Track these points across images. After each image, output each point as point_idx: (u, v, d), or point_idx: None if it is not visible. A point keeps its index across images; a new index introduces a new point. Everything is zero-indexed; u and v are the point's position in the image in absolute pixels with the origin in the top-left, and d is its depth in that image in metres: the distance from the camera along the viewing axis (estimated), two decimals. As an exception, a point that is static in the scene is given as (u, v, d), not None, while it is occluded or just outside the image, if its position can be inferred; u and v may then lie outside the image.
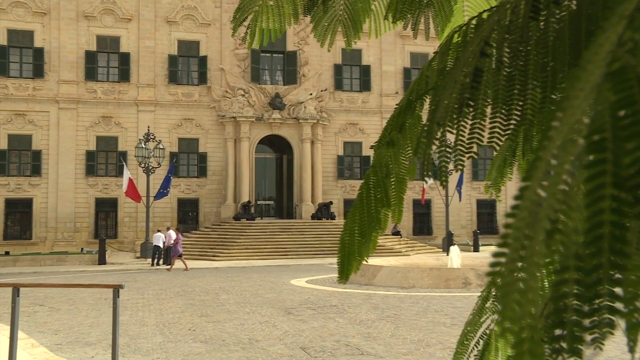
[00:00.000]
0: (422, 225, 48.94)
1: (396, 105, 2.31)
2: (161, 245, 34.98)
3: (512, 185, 41.15)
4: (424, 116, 2.03)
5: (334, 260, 34.99)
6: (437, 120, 1.80)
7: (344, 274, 2.51)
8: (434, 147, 1.74)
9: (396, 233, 46.33)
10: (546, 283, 0.94)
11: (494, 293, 2.14)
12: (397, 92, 48.60)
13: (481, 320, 2.41)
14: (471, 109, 1.71)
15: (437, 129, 1.79)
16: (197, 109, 46.91)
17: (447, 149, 1.71)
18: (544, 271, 0.84)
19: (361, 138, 49.47)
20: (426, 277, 23.66)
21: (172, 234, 34.97)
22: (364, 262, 2.61)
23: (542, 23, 1.65)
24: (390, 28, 4.04)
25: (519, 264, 0.86)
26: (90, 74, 44.27)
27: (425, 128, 1.86)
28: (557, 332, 0.93)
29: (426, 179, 1.76)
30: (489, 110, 1.64)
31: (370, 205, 2.46)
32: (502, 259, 0.82)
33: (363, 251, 2.49)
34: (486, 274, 0.82)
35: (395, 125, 2.43)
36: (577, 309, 0.93)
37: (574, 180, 0.87)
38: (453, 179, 43.53)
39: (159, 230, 37.04)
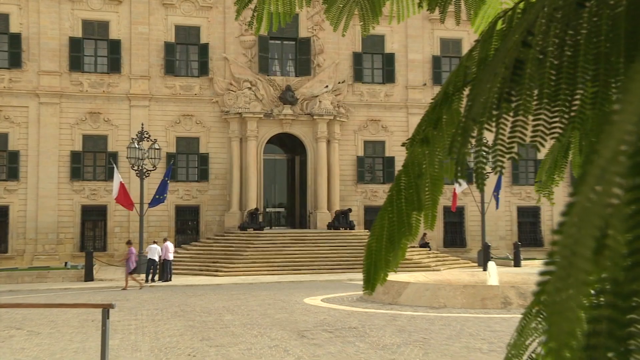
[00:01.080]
0: (455, 236, 48.87)
1: (431, 99, 2.33)
2: (156, 258, 35.05)
3: (559, 191, 39.91)
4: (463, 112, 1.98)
5: (354, 275, 35.97)
6: (473, 116, 1.84)
7: (370, 283, 2.59)
8: (470, 147, 1.78)
9: (424, 245, 45.98)
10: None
11: (539, 312, 2.25)
12: (424, 84, 48.63)
13: (526, 343, 2.42)
14: (512, 105, 1.75)
15: (473, 126, 1.83)
16: (198, 104, 46.90)
17: (485, 149, 1.74)
18: (590, 290, 0.87)
19: (384, 136, 49.42)
20: (459, 295, 23.61)
21: (170, 245, 35.69)
22: (389, 277, 2.70)
23: (594, 9, 1.69)
24: (417, 11, 4.03)
25: (567, 282, 0.90)
26: (75, 63, 44.31)
27: (461, 124, 1.92)
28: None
29: (460, 181, 1.72)
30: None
31: (401, 209, 2.54)
32: (550, 277, 0.86)
33: (391, 259, 2.56)
34: (533, 293, 0.87)
35: (430, 121, 2.50)
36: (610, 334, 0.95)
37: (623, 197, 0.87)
38: (490, 183, 43.00)
39: (154, 242, 36.99)
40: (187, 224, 46.41)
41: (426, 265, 40.26)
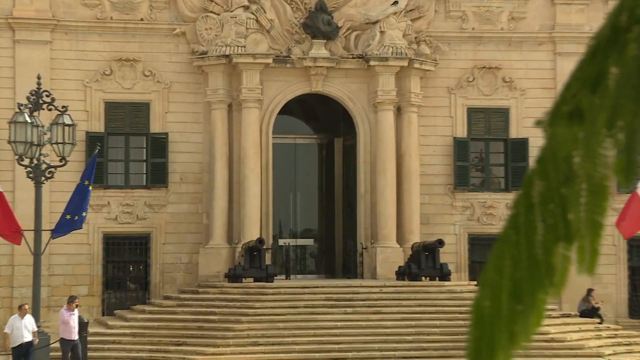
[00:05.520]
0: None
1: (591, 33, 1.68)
2: (74, 336, 31.65)
3: None
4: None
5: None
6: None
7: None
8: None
9: (591, 311, 40.02)
10: None
11: None
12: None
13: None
14: None
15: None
16: (146, 39, 41.91)
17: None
18: None
19: (507, 100, 43.74)
20: None
21: (65, 313, 32.00)
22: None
23: None
24: None
25: None
26: None
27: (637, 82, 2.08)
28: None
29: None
30: None
31: (534, 239, 2.40)
32: None
33: (518, 329, 2.42)
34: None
35: (585, 79, 2.41)
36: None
37: None
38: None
39: (69, 303, 32.54)
40: (124, 269, 42.48)
41: (593, 354, 35.22)
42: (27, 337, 31.77)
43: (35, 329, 32.13)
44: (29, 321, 31.82)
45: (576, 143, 2.28)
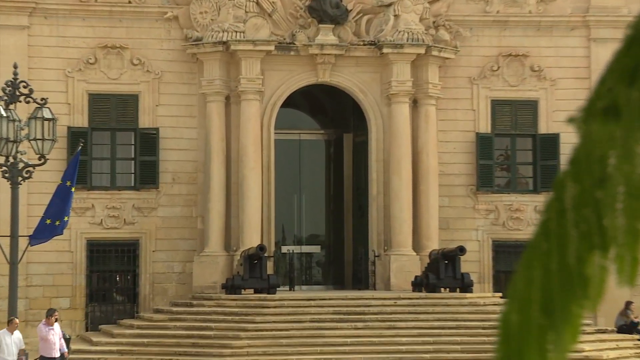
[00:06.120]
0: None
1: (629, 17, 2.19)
2: (54, 353, 31.29)
3: None
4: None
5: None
6: None
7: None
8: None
9: (630, 326, 39.25)
10: None
11: None
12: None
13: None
14: None
15: None
16: (134, 24, 41.00)
17: None
18: None
19: (536, 91, 42.23)
20: None
21: (43, 328, 31.12)
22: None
23: None
24: None
25: None
26: None
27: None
28: None
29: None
30: None
31: (566, 247, 2.43)
32: None
33: (550, 347, 2.48)
34: None
35: (621, 72, 2.49)
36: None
37: None
38: None
39: (47, 317, 31.71)
40: (111, 280, 41.43)
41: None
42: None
43: (23, 347, 31.48)
44: (17, 337, 31.19)
45: (612, 142, 2.28)
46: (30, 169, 32.98)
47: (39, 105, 33.04)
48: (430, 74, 41.05)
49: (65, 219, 33.58)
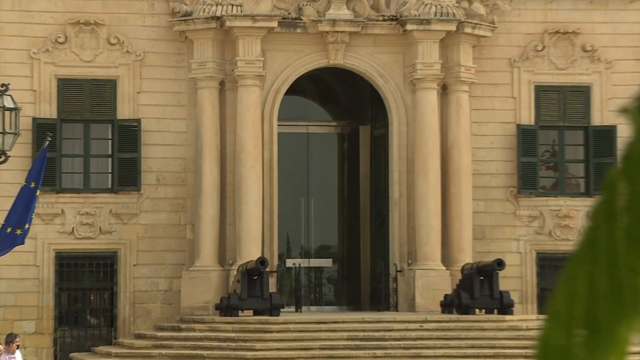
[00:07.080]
0: None
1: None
2: None
3: None
4: None
5: None
6: None
7: None
8: None
9: None
10: None
11: None
12: None
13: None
14: None
15: None
16: None
17: None
18: None
19: (589, 73, 39.81)
20: None
21: (3, 357, 29.69)
22: None
23: None
24: None
25: None
26: None
27: None
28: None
29: None
30: None
31: (616, 257, 2.04)
32: None
33: None
34: None
35: None
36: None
37: None
38: None
39: (7, 344, 30.50)
40: (84, 299, 39.38)
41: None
42: None
43: None
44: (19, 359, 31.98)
45: None
46: (-13, 168, 34.36)
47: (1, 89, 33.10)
48: (463, 55, 39.68)
49: (27, 226, 31.21)
